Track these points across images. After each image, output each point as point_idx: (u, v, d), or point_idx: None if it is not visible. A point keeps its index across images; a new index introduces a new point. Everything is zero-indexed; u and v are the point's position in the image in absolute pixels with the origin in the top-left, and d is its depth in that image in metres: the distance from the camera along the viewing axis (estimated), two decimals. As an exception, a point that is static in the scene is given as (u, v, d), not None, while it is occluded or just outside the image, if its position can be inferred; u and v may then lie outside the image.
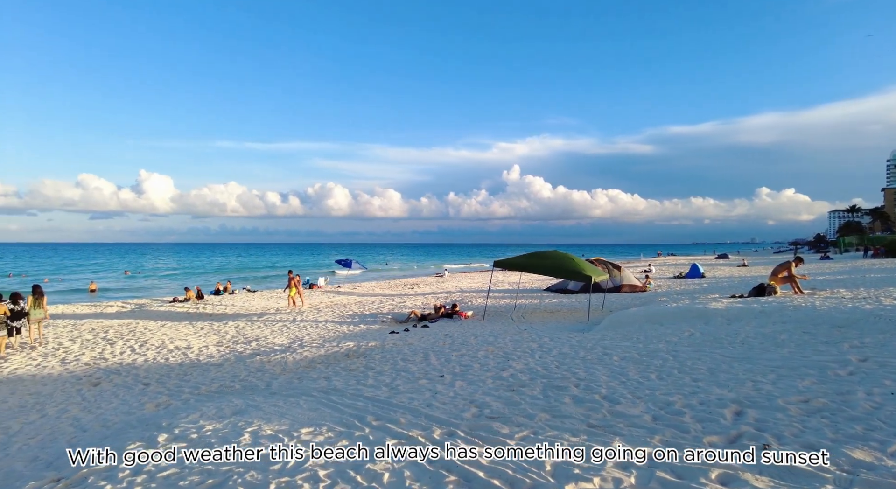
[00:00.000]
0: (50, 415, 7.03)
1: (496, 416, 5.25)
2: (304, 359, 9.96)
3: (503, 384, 6.74)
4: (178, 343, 12.29)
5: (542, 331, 11.78)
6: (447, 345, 10.34)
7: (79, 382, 8.95)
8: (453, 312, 15.53)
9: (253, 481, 3.76)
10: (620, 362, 7.66)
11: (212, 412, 5.96)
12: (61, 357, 11.00)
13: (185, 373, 9.27)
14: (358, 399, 6.39)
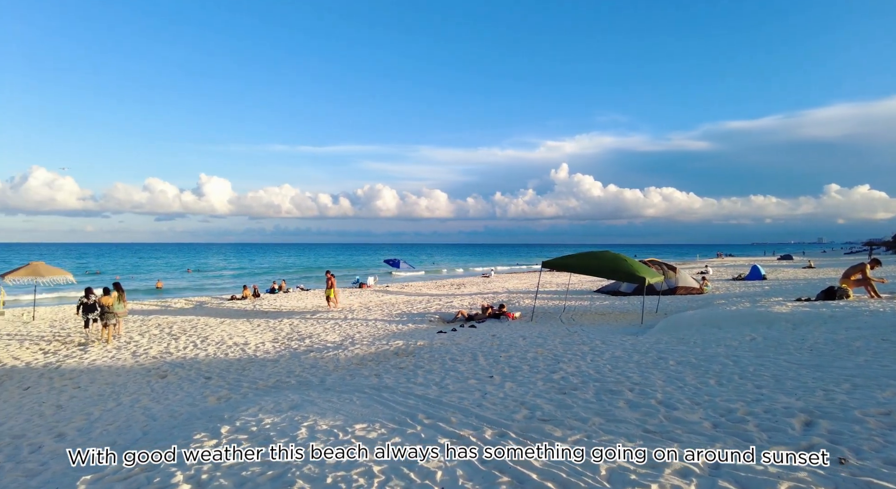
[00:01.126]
0: (124, 404, 7.52)
1: (548, 419, 5.18)
2: (355, 356, 10.19)
3: (554, 386, 6.64)
4: (237, 339, 12.85)
5: (593, 334, 11.53)
6: (495, 345, 10.30)
7: (148, 374, 9.51)
8: (501, 313, 15.45)
9: (310, 474, 3.88)
10: (677, 366, 7.39)
11: (270, 406, 6.19)
12: (132, 350, 11.74)
13: (243, 368, 9.67)
14: (409, 397, 6.47)
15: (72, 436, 6.15)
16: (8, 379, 9.42)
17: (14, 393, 8.48)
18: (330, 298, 20.36)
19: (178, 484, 3.90)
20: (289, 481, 3.76)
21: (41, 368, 10.15)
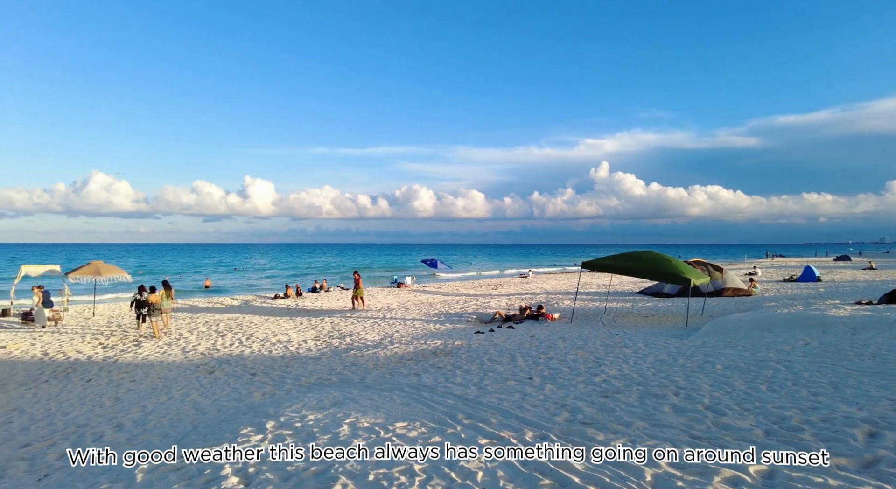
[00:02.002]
0: (175, 398, 7.85)
1: (590, 422, 5.10)
2: (394, 355, 10.30)
3: (596, 389, 6.52)
4: (280, 337, 13.21)
5: (635, 336, 11.25)
6: (534, 347, 10.20)
7: (197, 370, 9.90)
8: (539, 314, 15.29)
9: (353, 470, 3.94)
10: (724, 371, 7.12)
11: (313, 403, 6.34)
12: (182, 346, 12.25)
13: (286, 365, 9.94)
14: (448, 396, 6.49)
15: (129, 426, 6.47)
16: (72, 371, 10.01)
17: (77, 384, 9.00)
18: (357, 299, 20.16)
19: (226, 476, 4.04)
20: (332, 477, 3.83)
21: (101, 362, 10.73)
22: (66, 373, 9.86)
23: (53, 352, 11.83)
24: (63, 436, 6.15)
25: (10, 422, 6.89)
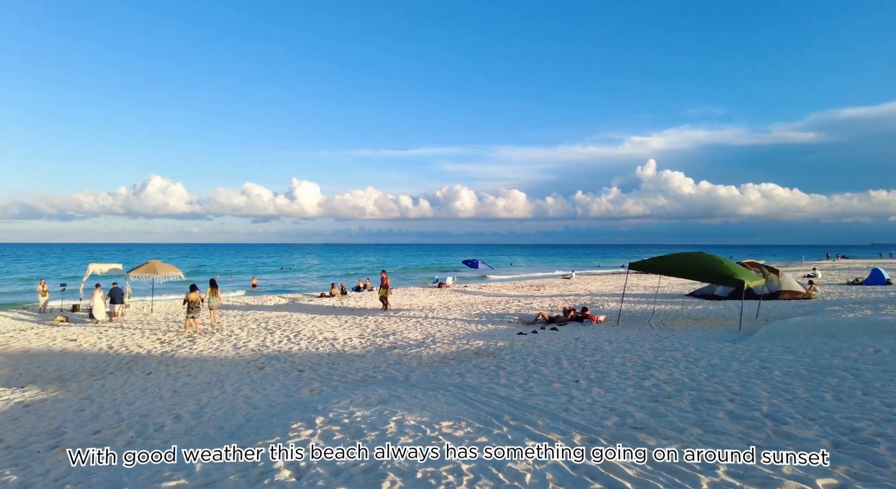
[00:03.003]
0: (228, 392, 8.16)
1: (640, 427, 4.96)
2: (437, 354, 10.35)
3: (645, 394, 6.34)
4: (326, 334, 13.52)
5: (685, 340, 10.87)
6: (579, 349, 10.01)
7: (247, 366, 10.25)
8: (584, 316, 15.00)
9: (401, 468, 3.98)
10: (784, 377, 6.78)
11: (359, 399, 6.45)
12: (233, 343, 12.73)
13: (333, 363, 10.16)
14: (492, 397, 6.46)
15: (186, 418, 6.77)
16: (134, 364, 10.58)
17: (139, 377, 9.50)
18: (384, 299, 19.87)
19: (279, 469, 4.16)
20: (380, 474, 3.88)
21: (159, 356, 11.29)
22: (128, 366, 10.43)
23: (117, 345, 12.55)
24: (128, 425, 6.50)
25: (83, 410, 7.35)
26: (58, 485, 4.52)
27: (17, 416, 7.11)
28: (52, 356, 11.56)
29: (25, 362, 11.01)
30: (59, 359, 11.29)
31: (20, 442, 6.03)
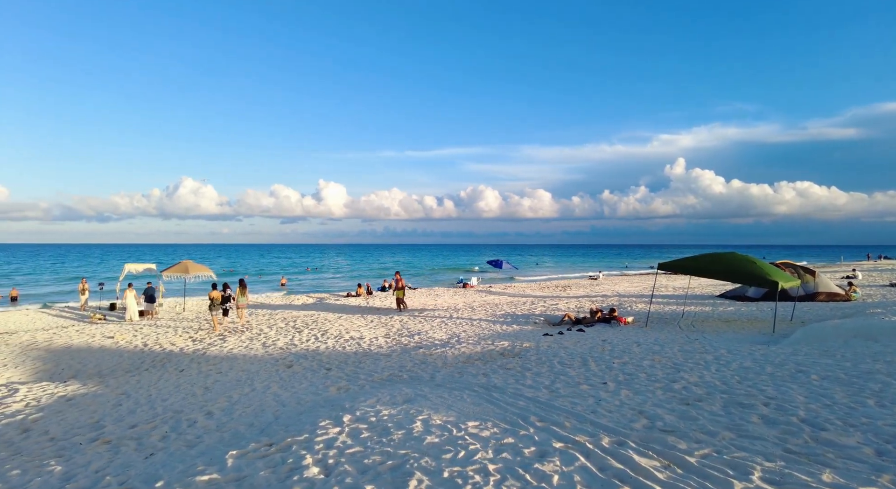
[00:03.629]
0: (258, 390, 8.33)
1: (670, 430, 4.86)
2: (462, 354, 10.35)
3: (675, 396, 6.22)
4: (353, 333, 13.67)
5: (716, 342, 10.61)
6: (606, 351, 9.88)
7: (276, 364, 10.45)
8: (611, 317, 14.78)
9: (427, 467, 4.00)
10: (822, 382, 6.55)
11: (386, 398, 6.50)
12: (262, 341, 12.98)
13: (359, 361, 10.26)
14: (519, 398, 6.43)
15: (218, 414, 6.94)
16: (168, 361, 10.89)
17: (172, 374, 9.78)
18: (399, 300, 19.69)
19: (308, 466, 4.23)
20: (408, 472, 3.91)
21: (191, 354, 11.60)
22: (162, 363, 10.74)
23: (152, 343, 12.94)
24: (163, 420, 6.70)
25: (120, 404, 7.61)
26: (98, 476, 4.69)
27: (60, 409, 7.41)
28: (91, 352, 11.99)
29: (67, 358, 11.45)
30: (98, 355, 11.71)
31: (64, 434, 6.28)
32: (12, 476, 4.87)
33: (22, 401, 7.85)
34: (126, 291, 18.24)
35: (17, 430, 6.49)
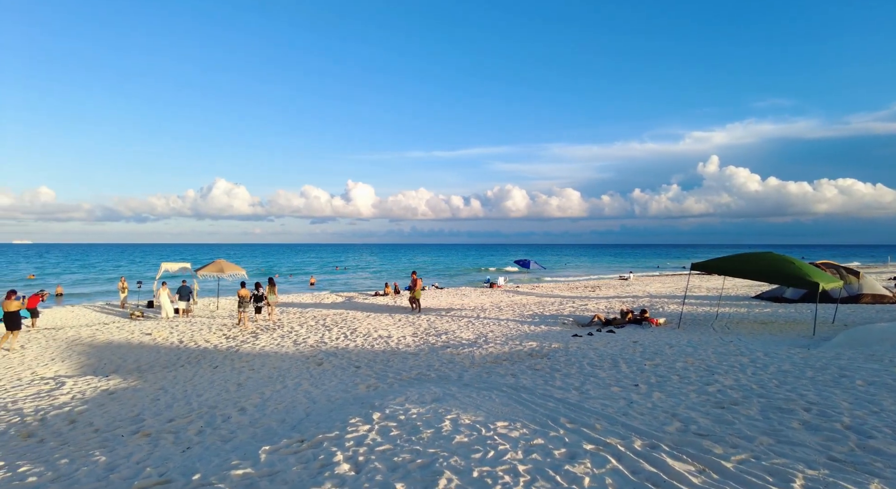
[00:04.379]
0: (289, 387, 8.48)
1: (705, 434, 4.74)
2: (489, 354, 10.32)
3: (710, 400, 6.06)
4: (381, 332, 13.79)
5: (752, 344, 10.29)
6: (638, 352, 9.70)
7: (307, 361, 10.62)
8: (643, 318, 14.51)
9: (457, 466, 4.00)
10: (867, 387, 6.28)
11: (415, 397, 6.54)
12: (293, 339, 13.22)
13: (387, 360, 10.34)
14: (548, 399, 6.38)
15: (251, 411, 7.09)
16: (202, 358, 11.20)
17: (207, 370, 10.05)
18: (414, 301, 19.20)
19: (338, 462, 4.28)
20: (437, 471, 3.92)
21: (225, 351, 11.89)
22: (197, 360, 11.05)
23: (187, 340, 13.32)
24: (198, 415, 6.89)
25: (158, 399, 7.86)
26: (140, 467, 4.85)
27: (103, 402, 7.70)
28: (130, 348, 12.43)
29: (109, 353, 11.90)
30: (137, 351, 12.12)
31: (106, 426, 6.53)
32: (61, 465, 5.09)
33: (68, 394, 8.19)
34: (160, 290, 18.84)
35: (64, 421, 6.78)
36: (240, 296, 15.56)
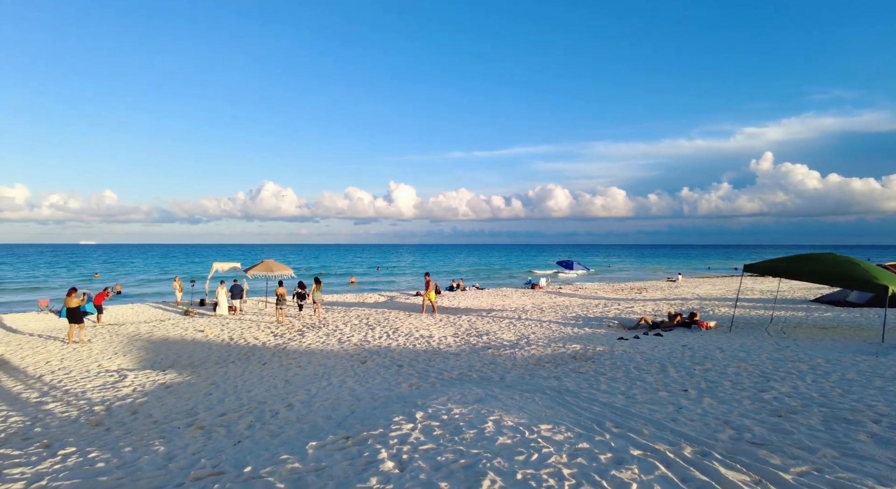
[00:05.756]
0: (334, 384, 8.66)
1: (761, 443, 4.53)
2: (531, 356, 10.21)
3: (765, 407, 5.78)
4: (422, 332, 13.89)
5: (812, 351, 9.75)
6: (687, 356, 9.37)
7: (351, 359, 10.82)
8: (692, 321, 14.00)
9: (500, 467, 3.98)
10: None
11: (457, 397, 6.55)
12: (338, 337, 13.50)
13: (429, 359, 10.40)
14: (593, 403, 6.25)
15: (298, 407, 7.29)
16: (252, 355, 11.60)
17: (256, 367, 10.40)
18: (430, 301, 18.75)
19: (383, 460, 4.34)
20: (480, 472, 3.91)
21: (273, 348, 12.28)
22: (247, 357, 11.45)
23: (237, 337, 13.84)
24: (248, 410, 7.14)
25: (210, 394, 8.20)
26: (195, 458, 5.08)
27: (160, 396, 8.11)
28: (184, 344, 13.02)
29: (165, 349, 12.51)
30: (191, 347, 12.69)
31: (164, 418, 6.87)
32: (125, 452, 5.40)
33: (130, 386, 8.66)
34: (218, 288, 19.65)
35: (127, 412, 7.18)
36: (277, 294, 16.41)
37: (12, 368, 10.48)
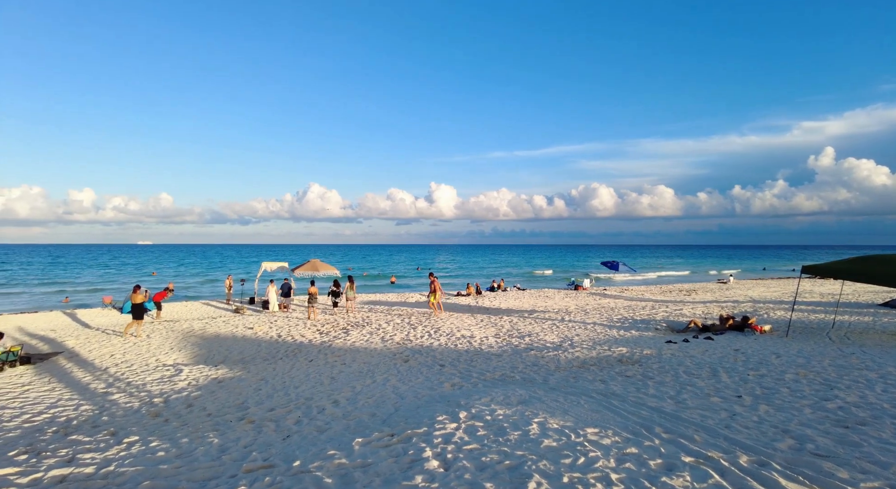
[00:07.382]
0: (378, 382, 8.79)
1: (825, 455, 4.28)
2: (575, 358, 10.03)
3: (829, 417, 5.47)
4: (464, 332, 13.90)
5: (881, 358, 9.14)
6: (740, 361, 8.98)
7: (394, 358, 10.94)
8: (745, 325, 13.39)
9: (546, 470, 3.93)
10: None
11: (500, 398, 6.51)
12: (381, 335, 13.69)
13: (471, 359, 10.39)
14: (641, 407, 6.08)
15: (343, 403, 7.43)
16: (298, 352, 11.93)
17: (303, 364, 10.68)
18: (435, 303, 18.34)
19: (427, 458, 4.37)
20: (526, 474, 3.88)
21: (318, 346, 12.58)
22: (294, 354, 11.78)
23: (285, 335, 14.26)
24: (296, 406, 7.34)
25: (260, 389, 8.49)
26: (247, 451, 5.27)
27: (213, 390, 8.45)
28: (235, 341, 13.53)
29: (217, 345, 13.04)
30: (241, 343, 13.17)
31: (217, 411, 7.16)
32: (182, 443, 5.66)
33: (185, 380, 9.08)
34: (269, 287, 20.35)
35: (183, 405, 7.53)
36: (309, 293, 17.34)
37: (82, 360, 11.19)
